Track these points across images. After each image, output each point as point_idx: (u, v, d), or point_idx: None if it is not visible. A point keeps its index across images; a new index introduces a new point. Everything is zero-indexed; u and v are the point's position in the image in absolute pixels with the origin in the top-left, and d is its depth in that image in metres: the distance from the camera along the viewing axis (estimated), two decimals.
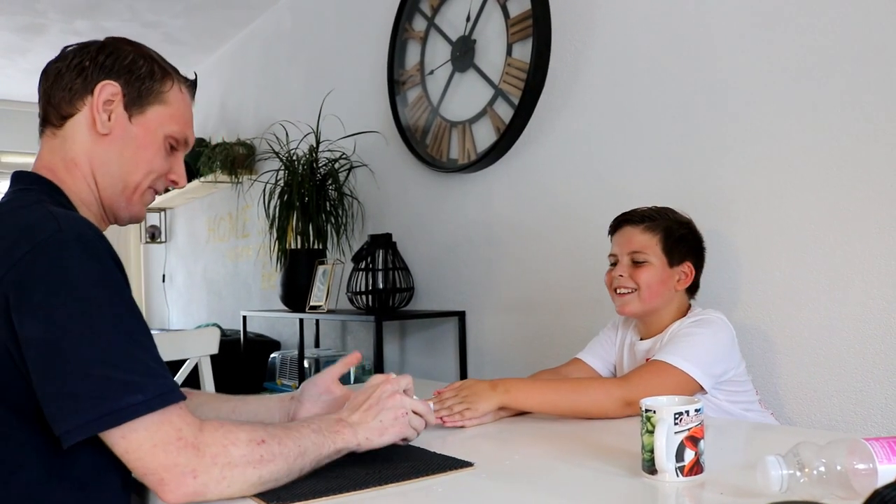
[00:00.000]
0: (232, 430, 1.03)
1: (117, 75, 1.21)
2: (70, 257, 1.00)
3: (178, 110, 1.27)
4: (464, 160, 2.93)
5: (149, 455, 0.97)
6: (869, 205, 1.79)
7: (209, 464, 0.99)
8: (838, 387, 1.84)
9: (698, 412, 1.10)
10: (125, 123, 1.21)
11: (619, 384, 1.58)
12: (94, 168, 1.21)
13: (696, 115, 2.15)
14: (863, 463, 0.91)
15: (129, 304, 1.03)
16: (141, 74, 1.22)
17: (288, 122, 4.03)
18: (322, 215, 3.53)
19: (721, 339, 1.68)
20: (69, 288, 0.98)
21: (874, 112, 1.77)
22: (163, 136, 1.25)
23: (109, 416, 0.95)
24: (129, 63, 1.22)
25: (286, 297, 3.52)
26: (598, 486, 1.13)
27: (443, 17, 3.07)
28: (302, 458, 1.09)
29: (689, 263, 1.80)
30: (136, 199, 1.26)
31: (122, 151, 1.22)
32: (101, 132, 1.20)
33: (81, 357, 0.96)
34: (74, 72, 1.20)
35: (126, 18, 4.60)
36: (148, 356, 1.01)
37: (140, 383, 0.97)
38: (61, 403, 0.96)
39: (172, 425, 0.99)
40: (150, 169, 1.25)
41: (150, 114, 1.23)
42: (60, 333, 0.96)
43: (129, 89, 1.21)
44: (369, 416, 1.20)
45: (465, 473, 1.19)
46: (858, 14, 1.80)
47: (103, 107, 1.20)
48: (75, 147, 1.20)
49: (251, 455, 1.03)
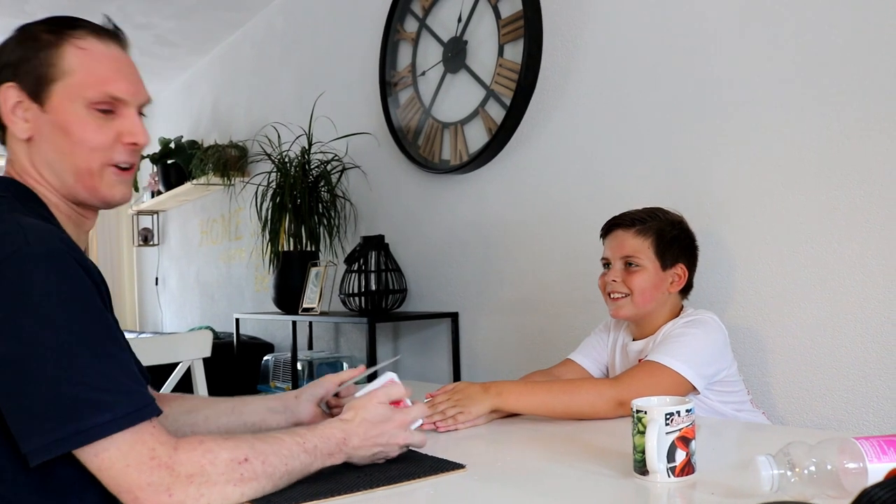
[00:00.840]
0: (211, 448, 1.01)
1: (12, 74, 1.13)
2: (35, 272, 0.96)
3: (87, 70, 1.14)
4: (456, 161, 2.93)
5: (121, 474, 0.95)
6: (861, 205, 1.79)
7: (185, 482, 0.97)
8: (829, 386, 1.85)
9: (689, 412, 1.11)
10: (40, 116, 1.13)
11: (612, 385, 1.58)
12: (40, 171, 1.15)
13: (688, 115, 2.16)
14: (853, 462, 0.92)
15: (99, 319, 1.00)
16: (27, 57, 1.13)
17: (280, 124, 4.02)
18: (314, 217, 3.52)
19: (713, 339, 1.68)
20: (35, 304, 0.95)
21: (867, 112, 1.78)
22: (83, 107, 1.13)
23: (76, 437, 0.93)
24: (15, 55, 1.13)
25: (279, 299, 3.51)
26: (590, 488, 1.13)
27: (434, 18, 3.07)
28: (289, 476, 1.07)
29: (681, 265, 1.80)
30: (96, 183, 1.16)
31: (54, 145, 1.13)
32: (23, 138, 1.14)
33: (48, 375, 0.93)
34: None
35: (117, 20, 4.52)
36: (119, 371, 0.98)
37: (108, 402, 0.95)
38: (28, 422, 0.94)
39: (145, 444, 0.96)
40: (90, 147, 1.14)
41: (56, 95, 1.12)
42: (27, 351, 0.94)
43: (24, 81, 1.12)
44: (369, 443, 1.18)
45: (456, 476, 1.18)
46: (852, 14, 1.81)
47: (14, 112, 1.13)
48: (19, 157, 1.16)
49: (231, 474, 1.00)
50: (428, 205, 3.18)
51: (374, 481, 1.13)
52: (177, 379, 2.22)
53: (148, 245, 6.18)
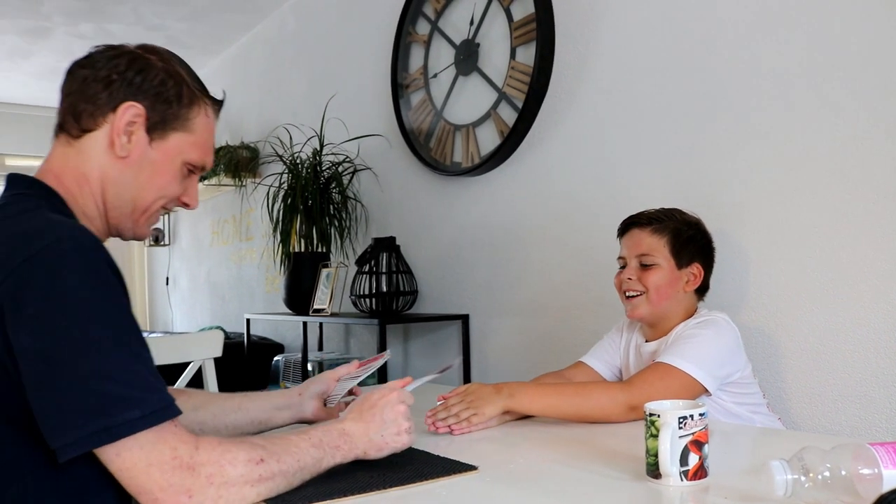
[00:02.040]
0: (230, 448, 1.01)
1: (144, 96, 1.15)
2: (67, 268, 0.96)
3: (202, 137, 1.22)
4: (468, 163, 2.93)
5: (143, 475, 0.95)
6: (876, 207, 1.79)
7: (205, 484, 0.97)
8: (843, 391, 1.84)
9: (703, 416, 1.10)
10: (145, 147, 1.17)
11: (623, 388, 1.58)
12: (106, 188, 1.17)
13: (700, 117, 2.15)
14: (868, 468, 0.91)
15: (126, 316, 1.01)
16: (168, 97, 1.17)
17: (292, 126, 4.03)
18: (326, 218, 3.53)
19: (725, 340, 1.68)
20: (65, 299, 0.95)
21: (882, 114, 1.77)
22: (181, 162, 1.21)
23: (105, 432, 0.93)
24: (157, 84, 1.16)
25: (290, 300, 3.52)
26: (602, 490, 1.13)
27: (446, 20, 3.07)
28: (301, 472, 1.09)
29: (697, 265, 1.79)
30: (143, 220, 1.22)
31: (138, 175, 1.18)
32: (119, 155, 1.16)
33: (78, 370, 0.93)
34: (101, 83, 1.14)
35: (130, 22, 4.61)
36: (145, 369, 0.99)
37: (137, 398, 0.95)
38: (58, 417, 0.94)
39: (167, 444, 0.97)
40: (163, 194, 1.21)
41: (172, 140, 1.19)
42: (56, 346, 0.94)
43: (153, 113, 1.16)
44: (371, 428, 1.19)
45: (468, 477, 1.19)
46: (866, 15, 1.80)
47: (125, 129, 1.15)
48: (90, 162, 1.16)
49: (249, 475, 1.01)
50: (439, 207, 3.18)
51: (386, 481, 1.13)
52: (187, 378, 2.23)
53: (159, 245, 6.20)
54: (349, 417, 1.21)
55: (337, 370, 1.54)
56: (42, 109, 6.62)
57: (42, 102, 6.48)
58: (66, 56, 5.19)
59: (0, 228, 1.04)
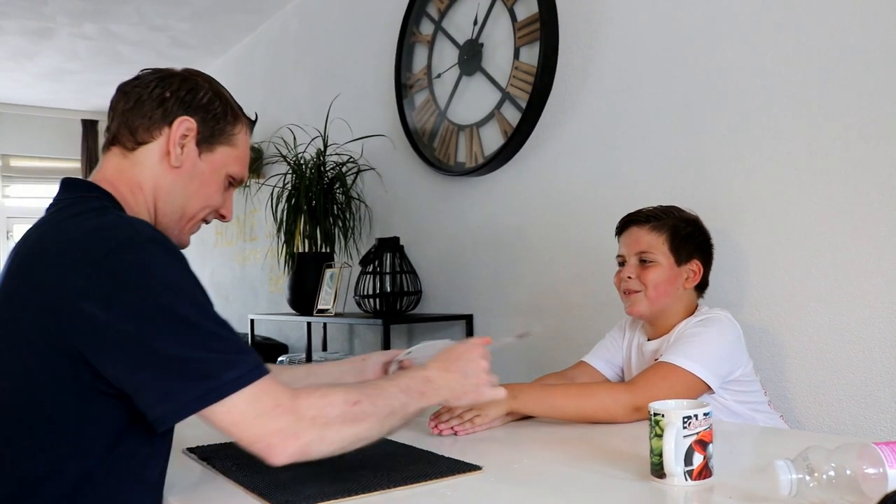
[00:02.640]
0: (327, 393, 1.10)
1: (195, 111, 1.26)
2: (151, 254, 1.05)
3: (243, 152, 1.34)
4: (471, 164, 2.93)
5: (254, 424, 1.03)
6: (878, 206, 1.78)
7: (308, 425, 1.05)
8: (847, 390, 1.84)
9: (707, 416, 1.10)
10: (195, 159, 1.27)
11: (627, 389, 1.58)
12: (158, 196, 1.26)
13: (703, 117, 2.15)
14: (873, 467, 0.91)
15: (205, 294, 1.09)
16: (216, 114, 1.28)
17: (295, 126, 4.04)
18: (330, 219, 3.53)
19: (727, 337, 1.68)
20: (156, 283, 1.03)
21: (883, 113, 1.77)
22: (225, 174, 1.31)
23: (213, 392, 1.01)
24: (206, 101, 1.27)
25: (294, 300, 3.52)
26: (606, 490, 1.13)
27: (450, 20, 3.07)
28: (391, 416, 1.15)
29: (696, 261, 1.80)
30: (188, 228, 1.32)
31: (187, 184, 1.27)
32: (173, 165, 1.25)
33: (178, 342, 1.01)
34: (155, 101, 1.24)
35: (134, 22, 4.62)
36: (232, 335, 1.07)
37: (234, 361, 1.03)
38: (162, 388, 1.01)
39: (269, 395, 1.04)
40: (208, 204, 1.31)
41: (219, 153, 1.29)
42: (153, 324, 1.01)
43: (203, 127, 1.26)
44: (453, 378, 1.28)
45: (473, 477, 1.19)
46: (869, 15, 1.80)
47: (179, 141, 1.24)
48: (144, 172, 1.24)
49: (347, 415, 1.09)
50: (443, 207, 3.18)
51: (391, 481, 1.13)
52: None
53: None
54: (434, 366, 1.29)
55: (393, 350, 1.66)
56: (46, 110, 6.64)
57: (46, 103, 6.49)
58: (70, 57, 5.21)
59: (77, 223, 1.10)
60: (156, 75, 1.28)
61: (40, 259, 1.08)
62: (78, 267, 1.02)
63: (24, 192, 6.77)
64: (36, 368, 1.04)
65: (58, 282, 1.03)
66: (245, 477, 1.20)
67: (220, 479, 1.23)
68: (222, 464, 1.30)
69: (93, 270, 1.02)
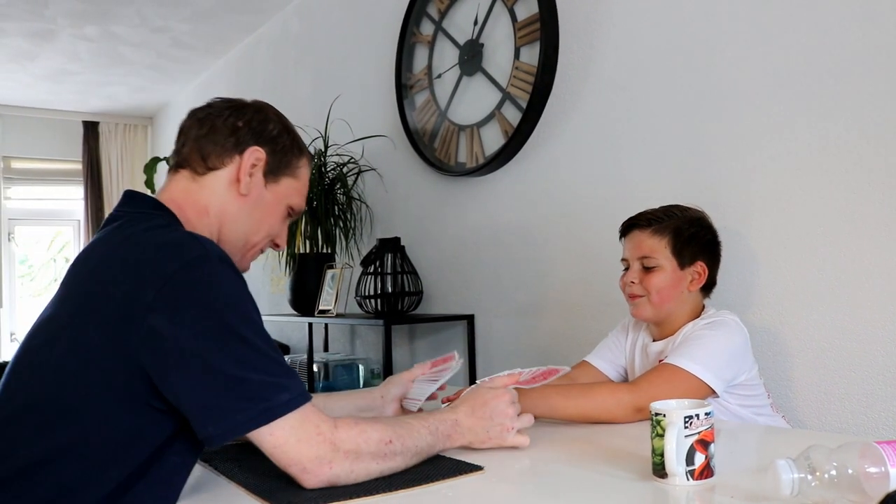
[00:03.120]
0: (365, 429, 1.14)
1: (265, 142, 1.31)
2: (219, 273, 1.09)
3: (305, 185, 1.39)
4: (472, 164, 2.93)
5: (294, 448, 1.07)
6: (881, 207, 1.78)
7: (342, 458, 1.10)
8: (850, 390, 1.84)
9: (708, 416, 1.10)
10: (261, 188, 1.32)
11: (629, 390, 1.57)
12: (224, 221, 1.29)
13: (705, 116, 2.15)
14: (874, 466, 0.91)
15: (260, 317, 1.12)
16: (284, 146, 1.34)
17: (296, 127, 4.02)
18: (331, 219, 3.53)
19: (734, 341, 1.66)
20: (220, 303, 1.06)
21: (888, 112, 1.77)
22: (286, 205, 1.36)
23: (265, 414, 1.05)
24: (276, 134, 1.33)
25: (295, 301, 3.52)
26: (608, 490, 1.13)
27: (450, 21, 3.07)
28: (417, 455, 1.21)
29: (701, 263, 1.77)
30: (249, 255, 1.37)
31: (252, 212, 1.32)
32: (241, 192, 1.29)
33: (237, 362, 1.04)
34: (228, 130, 1.29)
35: (135, 24, 4.63)
36: (283, 360, 1.11)
37: (286, 384, 1.08)
38: (218, 405, 1.04)
39: (311, 422, 1.09)
40: (269, 233, 1.36)
41: (283, 184, 1.34)
42: (216, 342, 1.04)
43: (272, 158, 1.32)
44: (478, 424, 1.32)
45: (474, 478, 1.19)
46: (872, 14, 1.80)
47: (249, 170, 1.29)
48: (212, 197, 1.28)
49: (378, 453, 1.14)
50: (444, 207, 3.18)
51: (392, 484, 1.13)
52: None
53: None
54: (462, 410, 1.33)
55: (412, 371, 1.67)
56: (47, 112, 6.64)
57: (47, 105, 6.49)
58: (72, 58, 5.22)
59: (148, 237, 1.14)
60: (228, 104, 1.33)
61: (110, 270, 1.10)
62: (148, 281, 1.05)
63: (25, 193, 6.78)
64: (93, 376, 1.06)
65: (128, 294, 1.05)
66: (247, 479, 1.20)
67: (223, 481, 1.23)
68: (225, 465, 1.30)
69: (162, 285, 1.04)
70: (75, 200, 6.93)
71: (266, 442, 1.07)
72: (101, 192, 6.89)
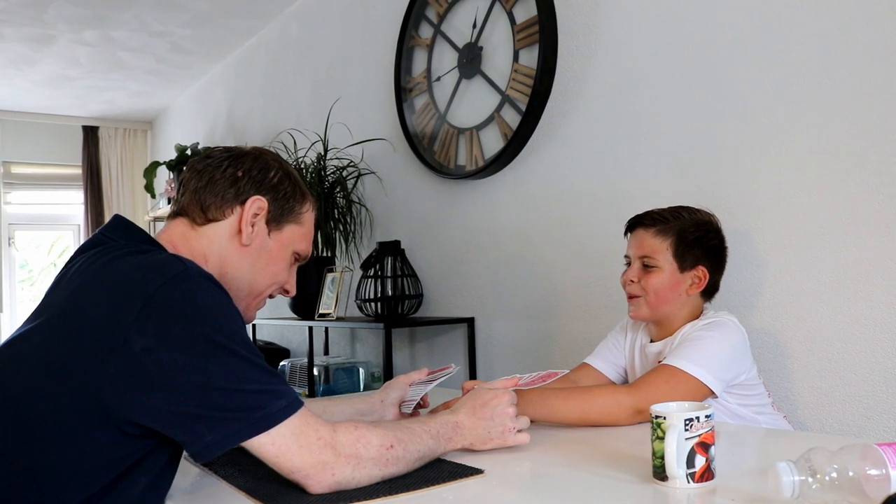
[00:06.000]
0: (365, 434, 1.14)
1: (266, 191, 1.29)
2: (201, 290, 1.08)
3: (309, 230, 1.38)
4: (471, 167, 2.93)
5: (296, 455, 1.07)
6: (882, 208, 1.78)
7: (344, 463, 1.10)
8: (850, 392, 1.84)
9: (709, 418, 1.10)
10: (264, 237, 1.30)
11: (629, 392, 1.57)
12: (225, 270, 1.27)
13: (704, 119, 2.15)
14: (875, 469, 0.91)
15: (245, 330, 1.12)
16: (286, 194, 1.32)
17: (295, 131, 4.04)
18: (330, 223, 3.53)
19: (732, 342, 1.66)
20: (206, 318, 1.05)
21: (888, 114, 1.77)
22: (292, 251, 1.35)
23: (263, 421, 1.05)
24: (277, 181, 1.31)
25: (295, 304, 3.52)
26: (608, 493, 1.13)
27: (449, 24, 3.08)
28: (420, 460, 1.21)
29: (703, 268, 1.75)
30: (254, 304, 1.34)
31: (255, 262, 1.30)
32: (244, 243, 1.27)
33: (228, 376, 1.04)
34: (227, 181, 1.27)
35: (134, 28, 4.63)
36: (272, 369, 1.10)
37: (280, 391, 1.08)
38: (210, 417, 1.03)
39: (310, 427, 1.09)
40: (275, 281, 1.34)
41: (287, 231, 1.33)
42: (203, 356, 1.03)
43: (274, 206, 1.30)
44: (480, 424, 1.33)
45: (475, 481, 1.19)
46: (872, 15, 1.80)
47: (251, 220, 1.27)
48: (212, 247, 1.27)
49: (380, 458, 1.14)
50: (443, 210, 3.18)
51: (393, 488, 1.13)
52: None
53: None
54: (462, 411, 1.34)
55: (410, 375, 1.67)
56: (47, 117, 6.65)
57: (47, 110, 6.50)
58: (71, 63, 5.22)
59: (125, 261, 1.12)
60: (227, 154, 1.31)
61: (89, 293, 1.09)
62: (128, 302, 1.04)
63: (25, 198, 6.79)
64: (62, 399, 1.03)
65: (107, 317, 1.04)
66: (247, 482, 1.21)
67: (223, 485, 1.23)
68: (224, 469, 1.30)
69: (144, 305, 1.03)
70: (75, 205, 6.94)
71: (268, 452, 1.07)
72: (101, 197, 6.89)
